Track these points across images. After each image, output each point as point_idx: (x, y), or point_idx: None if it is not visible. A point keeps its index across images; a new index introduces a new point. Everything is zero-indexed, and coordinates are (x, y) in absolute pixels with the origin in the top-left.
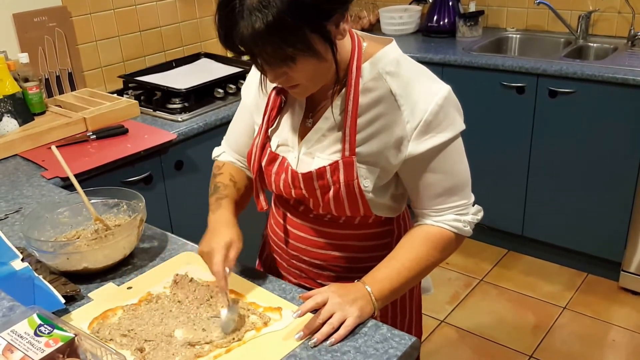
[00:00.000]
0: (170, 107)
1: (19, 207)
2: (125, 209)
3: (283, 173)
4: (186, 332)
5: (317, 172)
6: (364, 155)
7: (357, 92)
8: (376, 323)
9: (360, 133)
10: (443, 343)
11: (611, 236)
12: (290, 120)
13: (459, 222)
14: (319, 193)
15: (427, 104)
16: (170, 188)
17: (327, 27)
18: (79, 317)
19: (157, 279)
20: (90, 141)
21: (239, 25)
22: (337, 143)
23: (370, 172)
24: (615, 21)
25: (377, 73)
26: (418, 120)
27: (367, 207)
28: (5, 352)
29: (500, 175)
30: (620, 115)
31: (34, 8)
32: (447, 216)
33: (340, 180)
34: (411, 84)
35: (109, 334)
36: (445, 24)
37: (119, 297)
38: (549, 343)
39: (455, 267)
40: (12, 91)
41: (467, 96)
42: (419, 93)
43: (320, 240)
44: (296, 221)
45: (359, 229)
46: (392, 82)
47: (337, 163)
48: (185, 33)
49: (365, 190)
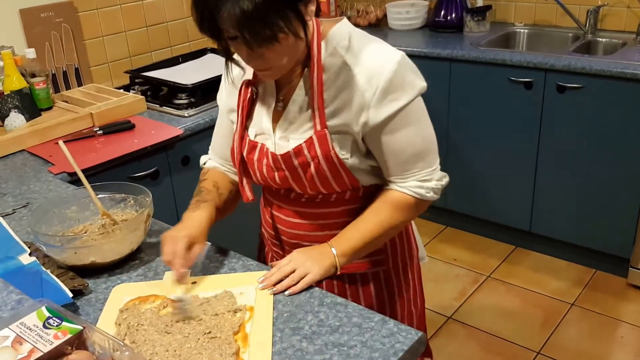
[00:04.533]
0: (177, 103)
1: (27, 202)
2: (132, 204)
3: (264, 158)
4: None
5: (294, 150)
6: (334, 127)
7: (321, 69)
8: (383, 318)
9: (328, 108)
10: (450, 339)
11: (620, 232)
12: (263, 108)
13: (421, 188)
14: (300, 171)
15: (381, 70)
16: (177, 183)
17: (299, 6)
18: (129, 291)
19: (217, 286)
20: (97, 136)
21: (226, 6)
22: (308, 121)
23: (343, 141)
24: (624, 16)
25: (333, 49)
26: (374, 88)
27: (352, 177)
28: (14, 344)
29: (508, 171)
30: (629, 110)
31: (41, 3)
32: (410, 182)
33: (318, 154)
34: (363, 53)
35: (130, 318)
36: (453, 19)
37: (177, 287)
38: (556, 339)
39: (462, 263)
40: (19, 86)
41: (474, 91)
42: (372, 62)
43: (316, 222)
44: (289, 209)
45: (352, 203)
46: (346, 54)
47: (311, 138)
48: (191, 28)
49: (344, 159)
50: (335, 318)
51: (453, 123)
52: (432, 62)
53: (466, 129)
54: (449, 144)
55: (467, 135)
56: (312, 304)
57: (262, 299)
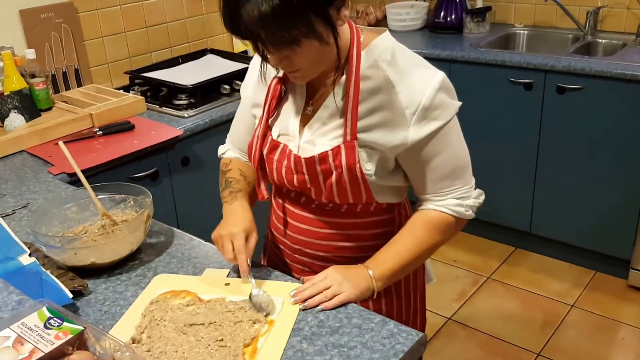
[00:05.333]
0: (177, 103)
1: (26, 202)
2: (132, 205)
3: (285, 160)
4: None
5: (320, 156)
6: (365, 141)
7: (358, 78)
8: (383, 319)
9: (361, 121)
10: (450, 340)
11: (620, 233)
12: (291, 109)
13: (461, 206)
14: (321, 178)
15: (424, 89)
16: (177, 184)
17: (329, 11)
18: (167, 282)
19: (247, 292)
20: (97, 137)
21: (245, 7)
22: (338, 129)
23: (371, 156)
24: (624, 17)
25: (374, 61)
26: (416, 105)
27: (369, 193)
28: (15, 344)
29: (508, 172)
30: (629, 111)
31: (41, 4)
32: (448, 200)
33: (343, 165)
34: (407, 70)
35: (156, 311)
36: (452, 20)
37: (211, 286)
38: (557, 341)
39: (462, 264)
40: (19, 87)
41: (474, 93)
42: (415, 79)
43: (322, 231)
44: (298, 213)
45: (361, 217)
46: (389, 69)
47: (339, 147)
48: (191, 29)
49: (367, 174)
50: (336, 319)
51: None
52: (431, 63)
53: (466, 129)
54: None
55: (467, 136)
56: None
57: (284, 316)
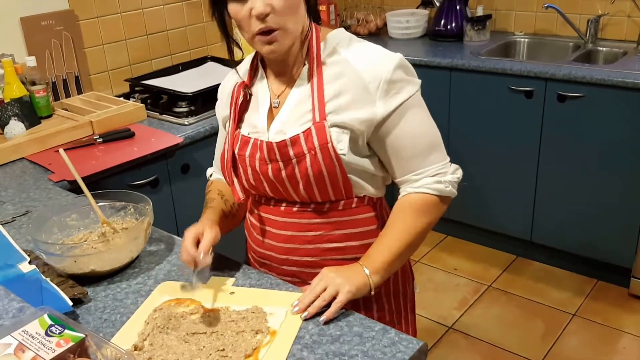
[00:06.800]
0: (177, 111)
1: (26, 210)
2: (132, 212)
3: (258, 152)
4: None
5: (292, 139)
6: (336, 122)
7: (320, 63)
8: (384, 327)
9: (329, 103)
10: (451, 349)
11: (621, 242)
12: (257, 108)
13: (439, 183)
14: (295, 162)
15: (385, 64)
16: (177, 191)
17: None
18: (172, 290)
19: (252, 301)
20: (97, 144)
21: None
22: (307, 114)
23: (341, 136)
24: (625, 25)
25: (333, 48)
26: (379, 80)
27: (347, 180)
28: (17, 351)
29: (509, 180)
30: (630, 119)
31: (42, 12)
32: (426, 180)
33: (315, 145)
34: (364, 51)
35: (160, 319)
36: (453, 28)
37: (214, 295)
38: (558, 350)
39: (463, 272)
40: (19, 94)
41: (474, 101)
42: (374, 57)
43: (308, 234)
44: (281, 221)
45: (344, 215)
46: (347, 53)
47: (309, 129)
48: (191, 37)
49: (340, 154)
50: (336, 327)
51: (453, 132)
52: (432, 71)
53: (466, 138)
54: (448, 153)
55: (468, 145)
56: None
57: (287, 326)
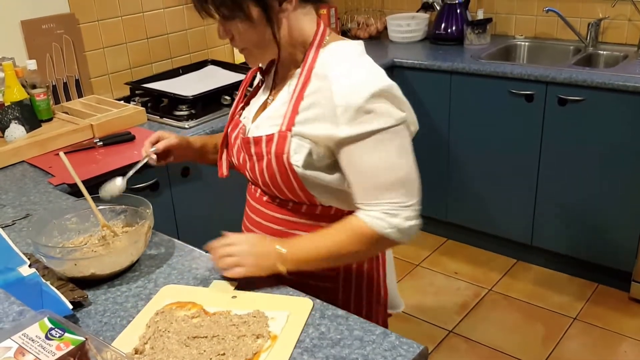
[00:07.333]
0: (177, 114)
1: (27, 213)
2: (132, 216)
3: (239, 138)
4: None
5: (254, 139)
6: (300, 133)
7: (309, 75)
8: (384, 331)
9: (300, 114)
10: (451, 354)
11: (622, 246)
12: (258, 100)
13: (382, 221)
14: (255, 160)
15: (360, 91)
16: (177, 195)
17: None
18: (174, 293)
19: (253, 305)
20: (97, 148)
21: None
22: (280, 118)
23: (300, 149)
24: (626, 29)
25: (326, 61)
26: (347, 105)
27: (305, 190)
28: (17, 355)
29: (509, 184)
30: (630, 123)
31: (42, 15)
32: (374, 212)
33: (272, 152)
34: (351, 72)
35: (161, 322)
36: (453, 32)
37: (216, 298)
38: (559, 354)
39: (463, 276)
40: (19, 98)
41: (475, 104)
42: (355, 81)
43: (271, 226)
44: (253, 205)
45: (306, 218)
46: (335, 69)
47: (272, 135)
48: (192, 40)
49: (295, 165)
50: (337, 331)
51: (453, 136)
52: (432, 74)
53: (467, 141)
54: (449, 156)
55: (468, 148)
56: (314, 317)
57: (289, 331)
